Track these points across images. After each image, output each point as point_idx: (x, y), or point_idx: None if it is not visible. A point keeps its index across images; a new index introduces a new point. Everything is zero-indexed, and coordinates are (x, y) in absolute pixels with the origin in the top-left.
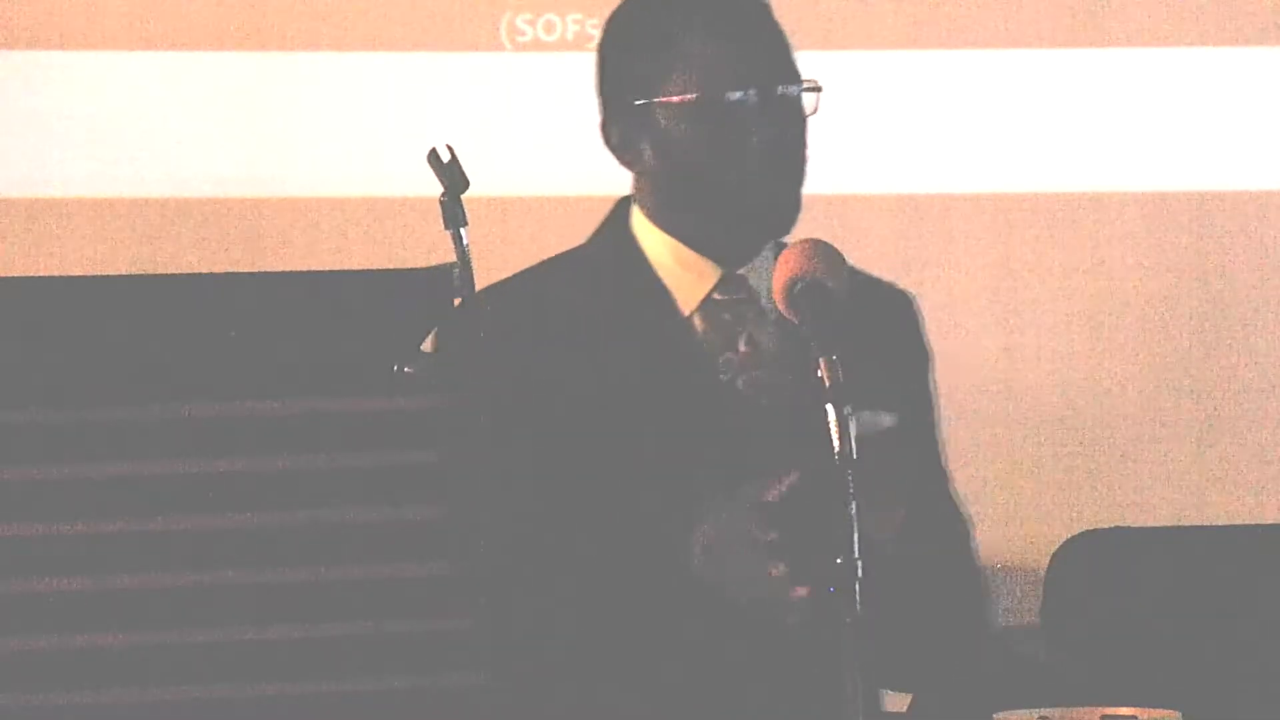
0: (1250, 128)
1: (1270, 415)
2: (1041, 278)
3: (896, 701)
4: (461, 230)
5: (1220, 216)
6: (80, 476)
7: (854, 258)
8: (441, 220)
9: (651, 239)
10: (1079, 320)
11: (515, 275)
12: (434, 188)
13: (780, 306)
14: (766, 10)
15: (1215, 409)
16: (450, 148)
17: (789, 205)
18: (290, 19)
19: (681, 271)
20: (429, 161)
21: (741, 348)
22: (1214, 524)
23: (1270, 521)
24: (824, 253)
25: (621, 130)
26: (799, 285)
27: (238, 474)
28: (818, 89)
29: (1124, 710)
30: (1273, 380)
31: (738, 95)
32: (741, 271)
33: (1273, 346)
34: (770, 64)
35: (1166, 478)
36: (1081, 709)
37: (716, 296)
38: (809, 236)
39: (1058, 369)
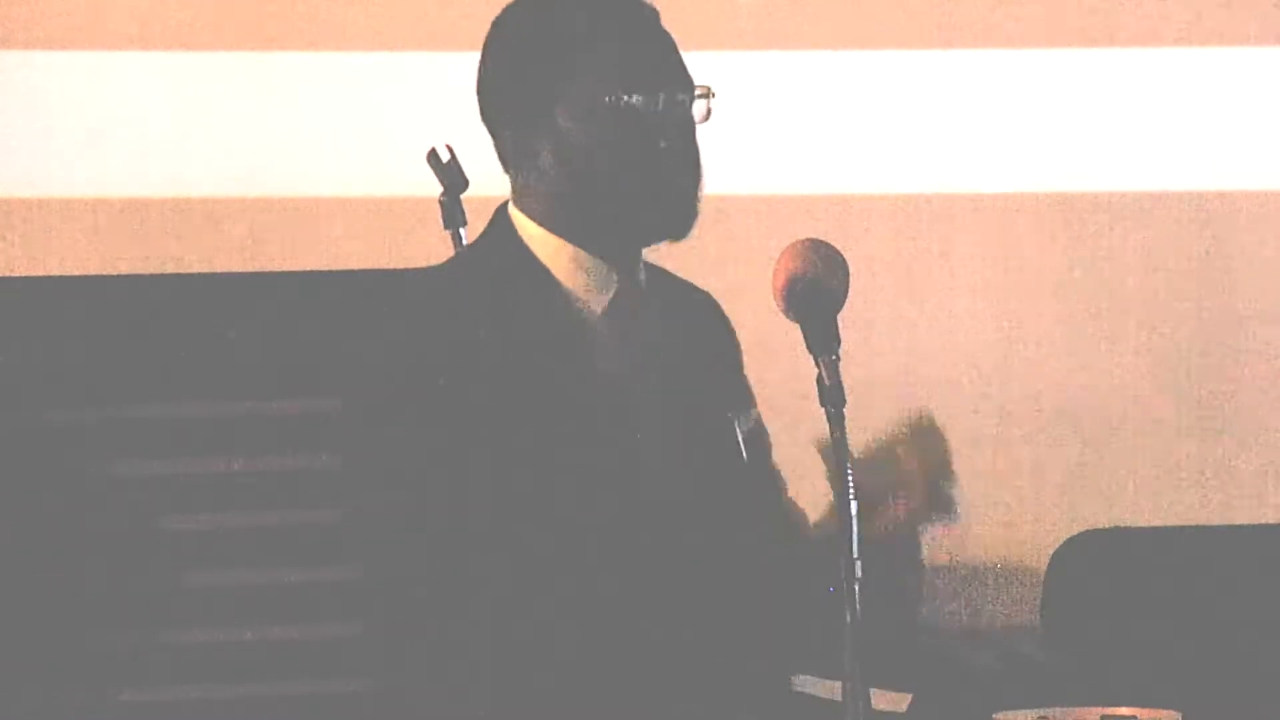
0: (1250, 128)
1: (1270, 415)
2: (1041, 278)
3: (896, 701)
4: (461, 230)
5: (1220, 216)
6: (80, 475)
7: (854, 258)
8: (441, 220)
9: (546, 245)
10: (1079, 320)
11: (410, 272)
12: (434, 188)
13: (779, 305)
14: (657, 16)
15: (1215, 409)
16: (450, 148)
17: (692, 207)
18: (290, 19)
19: (578, 272)
20: (429, 161)
21: (640, 350)
22: (1214, 524)
23: (1270, 521)
24: (823, 253)
25: (515, 136)
26: (799, 285)
27: (238, 474)
28: (711, 94)
29: (1124, 710)
30: (1273, 380)
31: (643, 100)
32: (641, 276)
33: (1273, 346)
34: (669, 70)
35: (1166, 478)
36: (1081, 709)
37: (620, 299)
38: (807, 237)
39: (1058, 369)
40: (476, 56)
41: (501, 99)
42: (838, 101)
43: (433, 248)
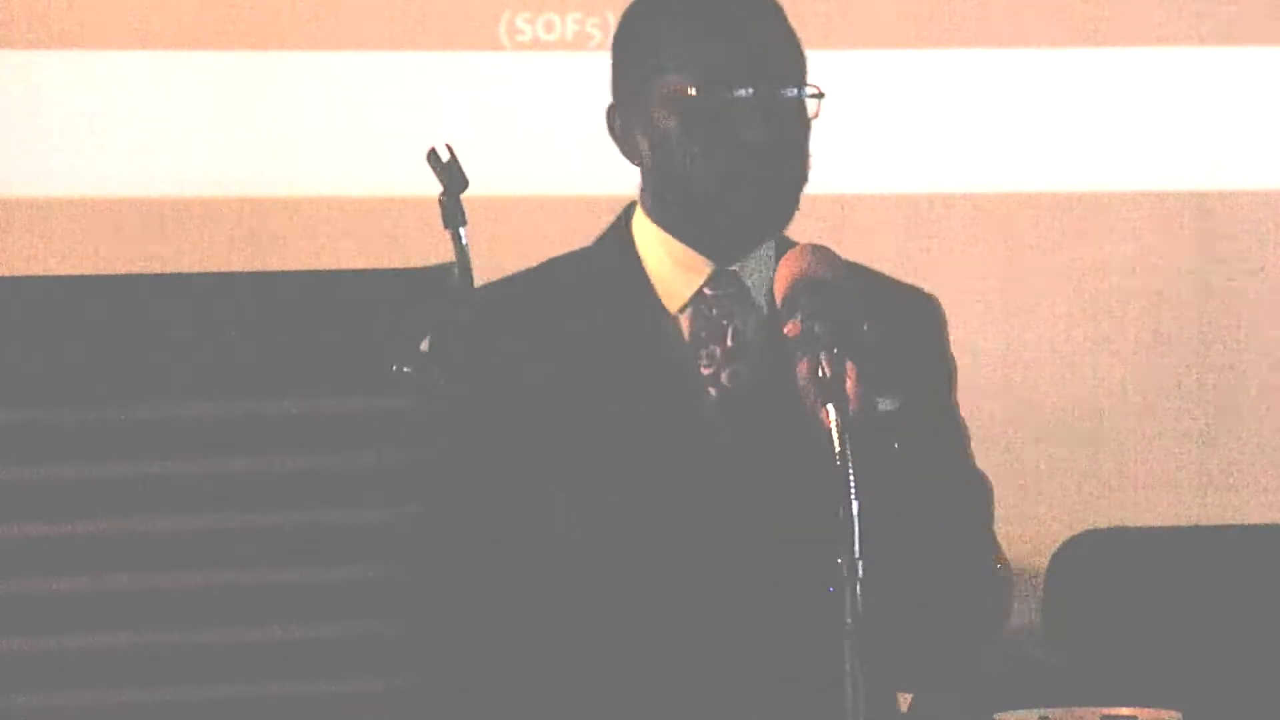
0: (1250, 128)
1: (1270, 415)
2: (1041, 278)
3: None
4: (461, 230)
5: (1220, 216)
6: (80, 476)
7: (854, 258)
8: (441, 220)
9: (647, 236)
10: (1079, 320)
11: (514, 275)
12: (434, 187)
13: (781, 307)
14: (774, 11)
15: (1215, 409)
16: (450, 147)
17: (778, 204)
18: (290, 19)
19: (672, 268)
20: (429, 161)
21: (728, 342)
22: (1214, 524)
23: (1270, 521)
24: (819, 254)
25: (622, 122)
26: (799, 285)
27: (238, 474)
28: (820, 95)
29: (1124, 710)
30: (1273, 380)
31: (730, 93)
32: (734, 268)
33: (1273, 346)
34: (768, 64)
35: (1166, 478)
36: (1081, 709)
37: (706, 292)
38: (805, 242)
39: (1058, 369)
40: (476, 56)
41: (614, 82)
42: (837, 101)
43: (433, 248)
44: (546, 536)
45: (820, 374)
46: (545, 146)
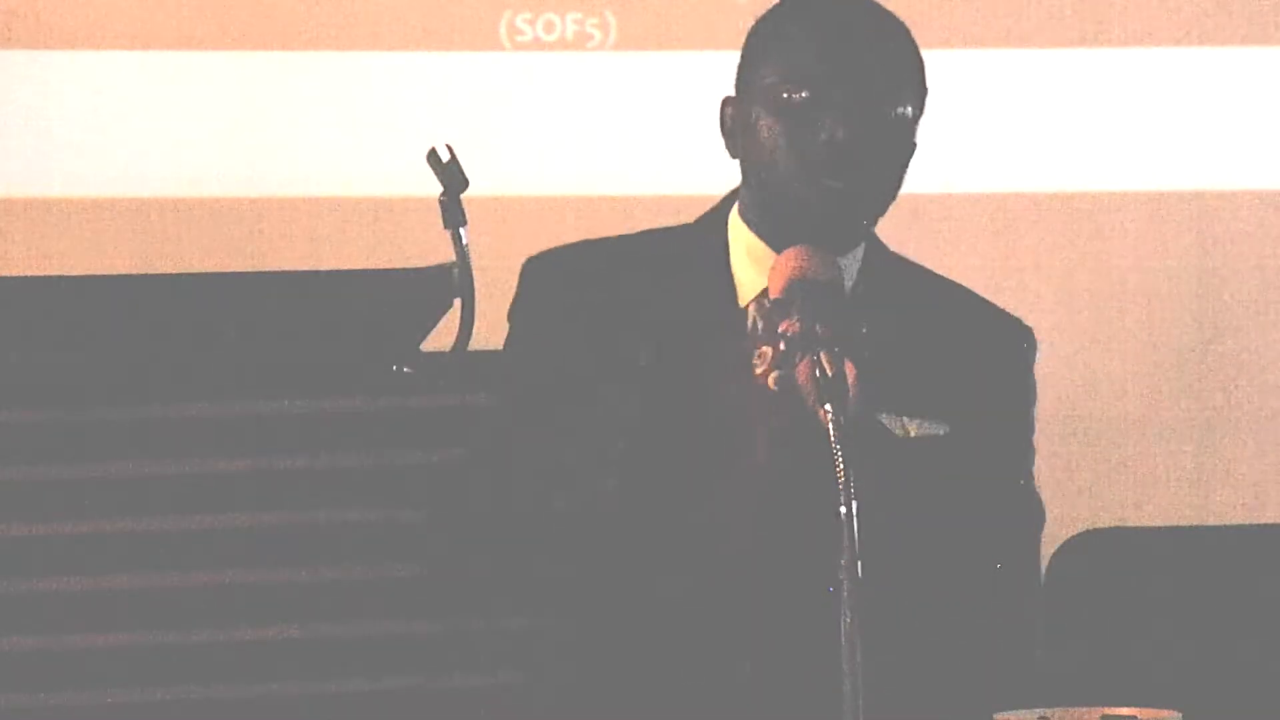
0: (1250, 128)
1: (1270, 415)
2: (1041, 278)
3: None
4: (461, 230)
5: (1220, 216)
6: (80, 476)
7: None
8: (441, 220)
9: (737, 227)
10: (1079, 320)
11: (608, 239)
12: (434, 188)
13: (778, 308)
14: (890, 30)
15: (1215, 409)
16: (450, 148)
17: (851, 208)
18: (290, 19)
19: (750, 264)
20: (429, 161)
21: (782, 345)
22: (1214, 524)
23: (1270, 521)
24: (817, 254)
25: (730, 116)
26: (796, 285)
27: (238, 474)
28: (914, 115)
29: (1124, 710)
30: (1273, 380)
31: (817, 95)
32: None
33: (1273, 346)
34: (862, 74)
35: (1166, 478)
36: (1081, 709)
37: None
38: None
39: (1058, 369)
40: (476, 56)
41: (736, 81)
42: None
43: (433, 248)
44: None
45: (819, 374)
46: (545, 146)
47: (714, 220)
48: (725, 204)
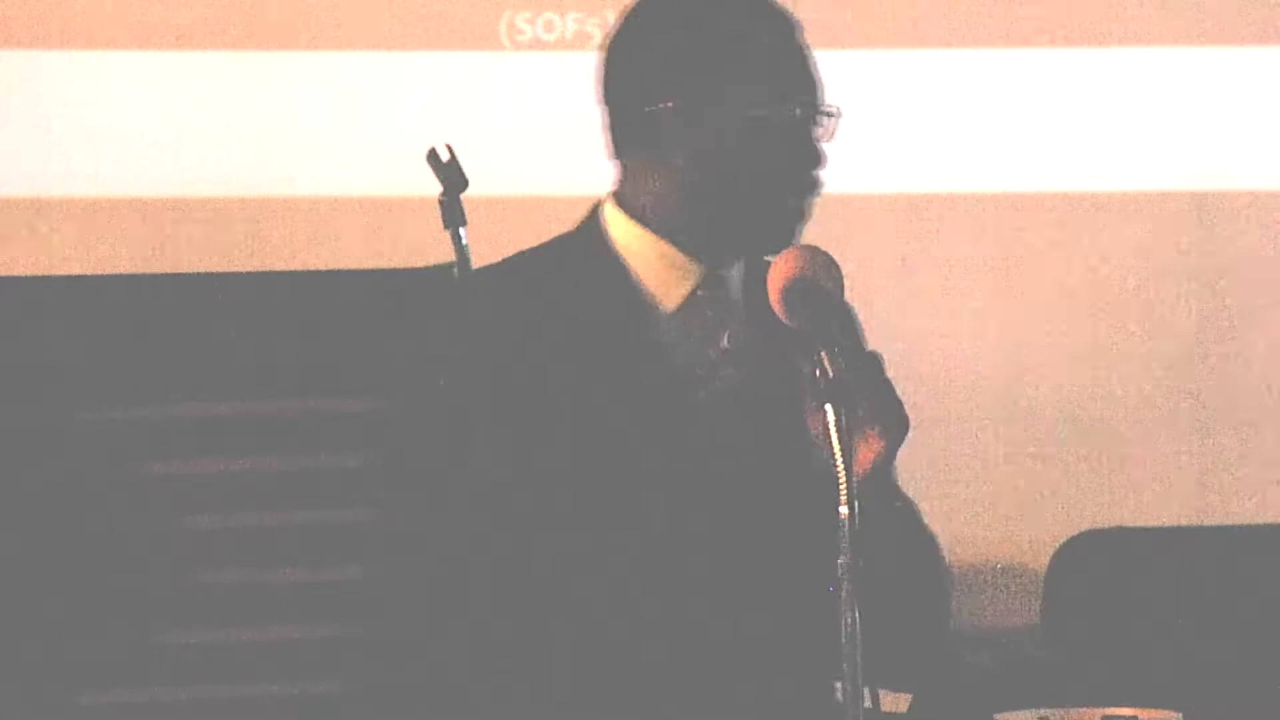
0: (1250, 128)
1: (1270, 415)
2: (1041, 278)
3: (896, 702)
4: (461, 230)
5: (1220, 216)
6: (80, 476)
7: (854, 257)
8: (441, 220)
9: (628, 236)
10: (1079, 320)
11: (485, 267)
12: (434, 188)
13: (777, 309)
14: (794, 29)
15: (1215, 409)
16: (450, 148)
17: (785, 224)
18: (290, 19)
19: (664, 269)
20: (429, 161)
21: (724, 344)
22: (1214, 524)
23: (1270, 521)
24: (818, 257)
25: (648, 129)
26: (797, 287)
27: (238, 474)
28: (837, 114)
29: (1124, 710)
30: (1273, 380)
31: (767, 111)
32: (721, 271)
33: (1273, 346)
34: (815, 85)
35: (1166, 478)
36: (1081, 709)
37: (700, 294)
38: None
39: (1058, 369)
40: (476, 56)
41: (633, 82)
42: (837, 101)
43: (433, 248)
44: (538, 534)
45: (819, 375)
46: (545, 146)
47: (589, 234)
48: (594, 217)
